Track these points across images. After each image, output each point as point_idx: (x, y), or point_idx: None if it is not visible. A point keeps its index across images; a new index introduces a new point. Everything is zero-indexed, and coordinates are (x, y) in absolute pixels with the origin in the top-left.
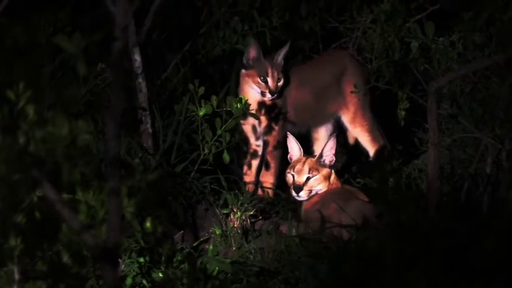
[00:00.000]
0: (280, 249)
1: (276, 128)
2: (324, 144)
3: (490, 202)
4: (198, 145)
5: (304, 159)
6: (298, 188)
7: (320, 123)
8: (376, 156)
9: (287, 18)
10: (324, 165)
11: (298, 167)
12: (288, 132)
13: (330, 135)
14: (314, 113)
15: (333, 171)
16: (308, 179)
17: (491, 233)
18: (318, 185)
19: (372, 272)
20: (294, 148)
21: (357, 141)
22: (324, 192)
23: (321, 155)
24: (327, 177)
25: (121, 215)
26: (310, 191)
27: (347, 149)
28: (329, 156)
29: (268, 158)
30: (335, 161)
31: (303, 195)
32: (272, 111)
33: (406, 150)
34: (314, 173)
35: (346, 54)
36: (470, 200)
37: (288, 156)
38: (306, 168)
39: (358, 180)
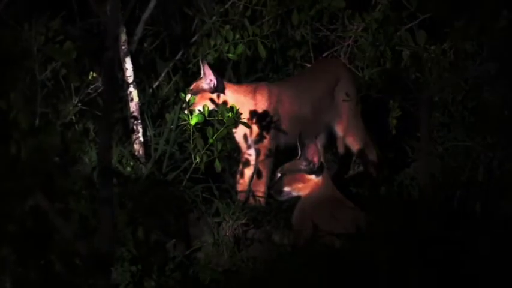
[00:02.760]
0: (272, 258)
1: (268, 136)
2: (306, 148)
3: (482, 210)
4: (189, 154)
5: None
6: (270, 187)
7: (313, 133)
8: (369, 165)
9: (278, 27)
10: (302, 170)
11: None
12: (314, 139)
13: (310, 141)
14: (308, 122)
15: (320, 177)
16: (278, 179)
17: (483, 240)
18: (287, 186)
19: (365, 281)
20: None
21: (347, 150)
22: (315, 199)
23: (302, 159)
24: (304, 182)
25: (113, 223)
26: (280, 191)
27: (338, 158)
28: (309, 161)
29: (260, 166)
30: (320, 168)
31: (272, 193)
32: (263, 120)
33: (398, 159)
34: (284, 174)
35: (339, 63)
36: (463, 208)
37: None
38: (280, 169)
39: (350, 188)
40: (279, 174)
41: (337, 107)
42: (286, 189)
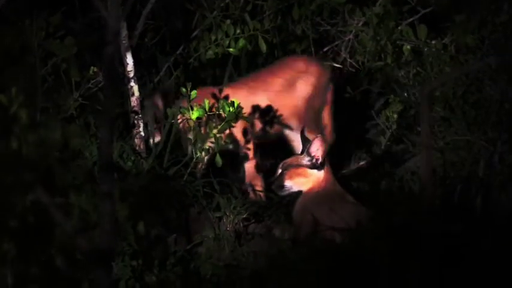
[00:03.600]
0: (273, 253)
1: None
2: (310, 143)
3: (482, 205)
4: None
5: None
6: (271, 182)
7: (275, 128)
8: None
9: (279, 21)
10: (305, 165)
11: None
12: (319, 135)
13: (315, 137)
14: (268, 118)
15: (322, 172)
16: (280, 174)
17: (484, 235)
18: (289, 181)
19: (366, 276)
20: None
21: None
22: (316, 194)
23: (306, 154)
24: (306, 176)
25: (114, 218)
26: (282, 186)
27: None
28: (312, 156)
29: (252, 161)
30: (323, 163)
31: (274, 188)
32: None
33: (399, 153)
34: (285, 170)
35: (302, 59)
36: (463, 202)
37: None
38: (281, 164)
39: (352, 183)
40: (280, 170)
41: (298, 103)
42: (288, 184)
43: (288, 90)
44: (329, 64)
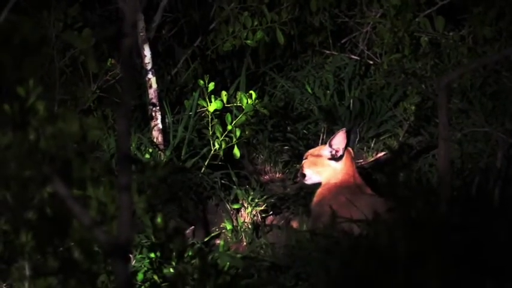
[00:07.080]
0: (291, 244)
1: None
2: (333, 136)
3: (500, 196)
4: (208, 140)
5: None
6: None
7: None
8: None
9: (297, 13)
10: (324, 155)
11: None
12: (344, 128)
13: (340, 130)
14: None
15: (340, 164)
16: (302, 164)
17: (501, 227)
18: (307, 169)
19: (384, 268)
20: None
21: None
22: (334, 185)
23: (328, 145)
24: (323, 166)
25: (132, 210)
26: (304, 174)
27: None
28: (334, 148)
29: None
30: (342, 155)
31: (299, 176)
32: None
33: (417, 145)
34: (305, 158)
35: None
36: (481, 194)
37: None
38: (305, 154)
39: (369, 175)
40: (305, 159)
41: None
42: (307, 172)
43: None
44: None
